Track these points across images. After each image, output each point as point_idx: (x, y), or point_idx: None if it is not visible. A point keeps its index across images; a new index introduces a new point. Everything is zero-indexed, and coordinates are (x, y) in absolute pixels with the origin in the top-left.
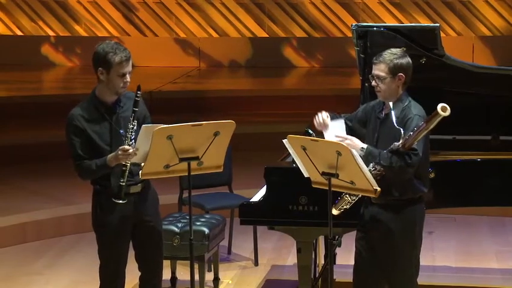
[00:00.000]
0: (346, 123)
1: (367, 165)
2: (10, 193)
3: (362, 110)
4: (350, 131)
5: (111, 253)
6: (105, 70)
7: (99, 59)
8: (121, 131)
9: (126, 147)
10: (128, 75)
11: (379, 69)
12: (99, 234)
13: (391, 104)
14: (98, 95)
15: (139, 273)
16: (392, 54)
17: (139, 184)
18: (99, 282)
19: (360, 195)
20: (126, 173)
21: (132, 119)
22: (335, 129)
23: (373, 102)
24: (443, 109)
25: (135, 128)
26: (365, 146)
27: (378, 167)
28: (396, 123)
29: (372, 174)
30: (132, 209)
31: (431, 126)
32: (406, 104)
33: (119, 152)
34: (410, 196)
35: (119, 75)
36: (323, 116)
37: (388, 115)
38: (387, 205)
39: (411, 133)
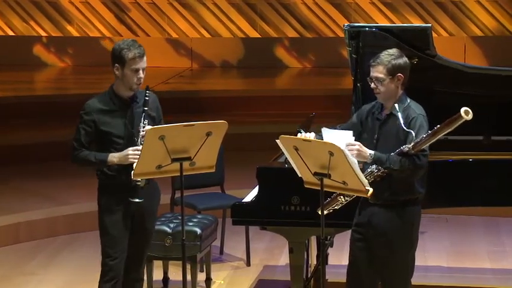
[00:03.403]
0: None
1: (370, 167)
2: (4, 193)
3: (356, 116)
4: None
5: (113, 237)
6: (120, 66)
7: (115, 55)
8: (133, 130)
9: (139, 147)
10: (141, 71)
11: (378, 71)
12: (102, 219)
13: (396, 105)
14: (115, 90)
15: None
16: (390, 55)
17: (143, 179)
18: (93, 282)
19: (354, 197)
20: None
21: (142, 118)
22: (345, 137)
23: (368, 106)
24: (466, 113)
25: (146, 127)
26: (373, 152)
27: (382, 170)
28: (404, 125)
29: (375, 175)
30: (132, 203)
31: (450, 130)
32: (406, 104)
33: (129, 152)
34: (409, 197)
35: (132, 70)
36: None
37: (389, 116)
38: (385, 205)
39: (423, 136)
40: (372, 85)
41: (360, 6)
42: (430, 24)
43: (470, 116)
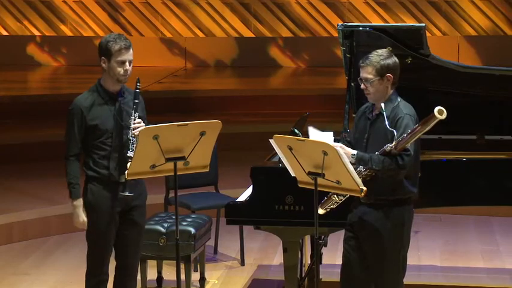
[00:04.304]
0: (349, 141)
1: (359, 166)
2: None
3: (355, 120)
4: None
5: (100, 234)
6: (106, 58)
7: (101, 48)
8: (122, 123)
9: (84, 225)
10: (127, 63)
11: (367, 72)
12: (88, 218)
13: (382, 105)
14: (102, 84)
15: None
16: (379, 56)
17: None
18: (85, 281)
19: (348, 196)
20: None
21: (133, 111)
22: (327, 138)
23: (363, 107)
24: (439, 112)
25: (137, 119)
26: (355, 152)
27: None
28: (389, 124)
29: (363, 175)
30: (121, 197)
31: (427, 129)
32: (395, 103)
33: (80, 221)
34: (400, 196)
35: (118, 62)
36: None
37: (379, 115)
38: (376, 205)
39: (405, 135)
40: (362, 86)
41: (353, 5)
42: (423, 24)
43: (444, 116)
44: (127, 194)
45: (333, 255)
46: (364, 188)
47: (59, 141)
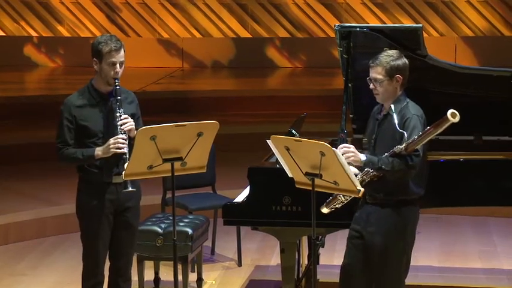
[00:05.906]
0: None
1: (364, 168)
2: None
3: (368, 122)
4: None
5: (94, 235)
6: (97, 60)
7: (93, 49)
8: (113, 122)
9: (119, 136)
10: (118, 65)
11: (376, 72)
12: (82, 219)
13: (392, 106)
14: (94, 84)
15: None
16: (389, 57)
17: (122, 175)
18: (81, 283)
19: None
20: (127, 162)
21: (117, 108)
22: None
23: (375, 108)
24: (452, 115)
25: (123, 115)
26: (364, 157)
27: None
28: (398, 126)
29: (370, 176)
30: (114, 198)
31: (438, 132)
32: (404, 104)
33: (110, 141)
34: (405, 197)
35: (109, 64)
36: None
37: (387, 116)
38: (381, 204)
39: (415, 137)
40: (371, 86)
41: (351, 6)
42: (421, 25)
43: (457, 119)
44: (130, 189)
45: (330, 256)
46: (362, 189)
47: (55, 142)
